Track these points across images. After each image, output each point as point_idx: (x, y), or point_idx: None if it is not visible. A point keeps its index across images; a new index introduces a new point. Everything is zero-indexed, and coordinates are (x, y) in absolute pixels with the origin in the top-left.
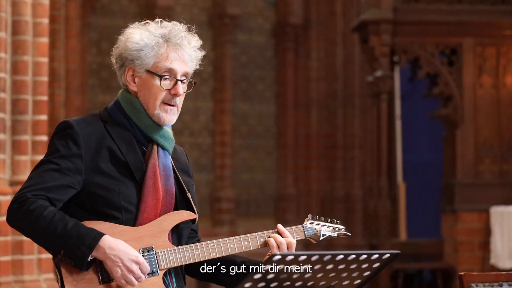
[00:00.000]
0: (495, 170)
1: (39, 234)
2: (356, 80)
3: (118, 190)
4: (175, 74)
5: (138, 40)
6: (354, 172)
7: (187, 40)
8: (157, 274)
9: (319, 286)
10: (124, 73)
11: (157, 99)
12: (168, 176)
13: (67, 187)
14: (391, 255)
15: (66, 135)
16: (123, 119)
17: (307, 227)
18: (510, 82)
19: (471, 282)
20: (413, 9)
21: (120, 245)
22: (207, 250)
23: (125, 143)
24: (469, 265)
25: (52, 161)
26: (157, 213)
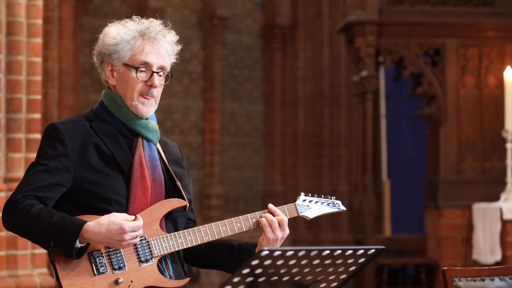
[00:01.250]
0: (478, 168)
1: (29, 231)
2: (342, 80)
3: (107, 184)
4: (151, 66)
5: (115, 35)
6: (340, 169)
7: (162, 34)
8: (151, 262)
9: (306, 280)
10: (104, 69)
11: (134, 90)
12: (155, 166)
13: (56, 185)
14: (376, 251)
15: (52, 136)
16: (107, 116)
17: (299, 204)
18: (492, 82)
19: (454, 277)
20: (397, 11)
21: (102, 227)
22: (200, 234)
23: (110, 138)
24: (452, 260)
25: (40, 163)
26: (147, 203)
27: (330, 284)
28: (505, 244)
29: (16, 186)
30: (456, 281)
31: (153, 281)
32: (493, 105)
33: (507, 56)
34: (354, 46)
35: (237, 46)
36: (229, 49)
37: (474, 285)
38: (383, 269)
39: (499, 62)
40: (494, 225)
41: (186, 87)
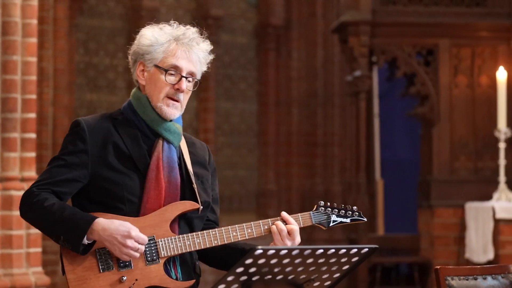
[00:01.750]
0: (470, 167)
1: (42, 224)
2: (336, 80)
3: (122, 182)
4: (181, 70)
5: (150, 37)
6: (333, 169)
7: (196, 41)
8: (157, 262)
9: (300, 279)
10: (135, 69)
11: (161, 92)
12: (172, 168)
13: (72, 180)
14: (370, 250)
15: (74, 133)
16: (132, 115)
17: (314, 213)
18: (485, 82)
19: (447, 276)
20: (391, 11)
21: (112, 224)
22: (209, 238)
23: (130, 138)
24: (444, 259)
25: (60, 158)
26: (160, 203)
27: (324, 283)
28: (498, 243)
29: (37, 179)
30: (449, 280)
31: (157, 281)
32: (485, 105)
33: (500, 56)
34: (348, 46)
35: (231, 46)
36: (223, 49)
37: (466, 284)
38: (376, 268)
39: (491, 62)
40: (486, 224)
41: None
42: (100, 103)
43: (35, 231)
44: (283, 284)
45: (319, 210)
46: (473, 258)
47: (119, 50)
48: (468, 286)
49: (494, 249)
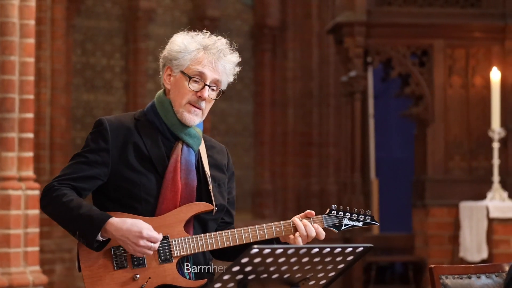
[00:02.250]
0: (464, 167)
1: (60, 218)
2: (331, 80)
3: (140, 182)
4: (205, 79)
5: (180, 43)
6: (328, 168)
7: (224, 52)
8: (171, 261)
9: (295, 278)
10: (163, 72)
11: (183, 98)
12: (189, 171)
13: (92, 178)
14: (364, 249)
15: (97, 131)
16: (154, 117)
17: (326, 217)
18: (479, 82)
19: (441, 275)
20: (386, 12)
21: (124, 224)
22: (221, 239)
23: (151, 139)
24: (439, 258)
25: (82, 155)
26: (176, 204)
27: (319, 282)
28: (492, 242)
29: (58, 174)
30: (443, 279)
31: (170, 280)
32: (479, 105)
33: (494, 57)
34: (343, 47)
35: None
36: None
37: (461, 283)
38: (371, 267)
39: (485, 62)
40: (480, 223)
41: None
42: (97, 103)
43: (33, 230)
44: (279, 283)
45: (331, 213)
46: (467, 257)
47: (116, 51)
48: (462, 285)
49: (488, 248)
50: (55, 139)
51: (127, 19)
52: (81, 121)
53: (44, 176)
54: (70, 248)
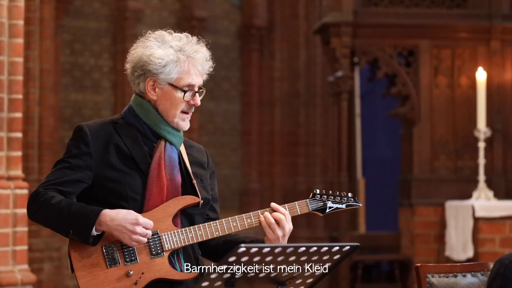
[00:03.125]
0: (450, 166)
1: (51, 220)
2: (318, 80)
3: (124, 181)
4: (194, 87)
5: (163, 56)
6: (315, 168)
7: (203, 54)
8: (162, 255)
9: (282, 277)
10: (143, 82)
11: (177, 109)
12: (173, 167)
13: (77, 181)
14: (351, 247)
15: (77, 137)
16: (133, 119)
17: (310, 201)
18: (464, 83)
19: (427, 273)
20: (372, 12)
21: (119, 214)
22: (210, 229)
23: (131, 139)
24: (425, 257)
25: (65, 160)
26: (163, 200)
27: (306, 280)
28: (477, 241)
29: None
30: (429, 277)
31: (163, 274)
32: (465, 105)
33: (479, 57)
34: (330, 47)
35: (215, 46)
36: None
37: (446, 281)
38: (358, 266)
39: (471, 62)
40: (466, 222)
41: None
42: (85, 103)
43: (21, 229)
44: (266, 282)
45: (315, 197)
46: (453, 256)
47: (104, 51)
48: (448, 283)
49: (473, 247)
50: (44, 139)
51: (115, 19)
52: (70, 120)
53: (32, 175)
54: (59, 246)
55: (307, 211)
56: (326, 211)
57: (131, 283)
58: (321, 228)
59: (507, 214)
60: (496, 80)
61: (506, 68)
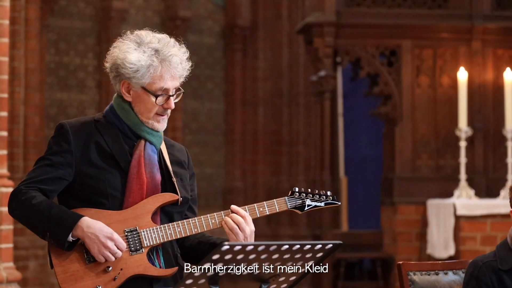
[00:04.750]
0: (432, 165)
1: (29, 221)
2: (301, 80)
3: (104, 178)
4: (168, 91)
5: (135, 61)
6: (298, 166)
7: (179, 58)
8: (141, 252)
9: (266, 274)
10: (119, 83)
11: (151, 112)
12: (153, 165)
13: (58, 179)
14: (334, 245)
15: (58, 134)
16: (114, 118)
17: (289, 199)
18: (446, 82)
19: (409, 271)
20: (355, 12)
21: (97, 224)
22: (189, 226)
23: (111, 137)
24: (407, 255)
25: (46, 158)
26: (142, 197)
27: (289, 278)
28: (458, 239)
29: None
30: (411, 275)
31: (142, 270)
32: (447, 105)
33: (461, 57)
34: (313, 47)
35: (199, 46)
36: (191, 49)
37: (428, 279)
38: (340, 263)
39: (452, 62)
40: (447, 220)
41: None
42: (71, 102)
43: (7, 227)
44: (249, 279)
45: (294, 195)
46: (435, 254)
47: (89, 50)
48: (430, 281)
49: (455, 245)
50: (29, 137)
51: (100, 19)
52: (55, 119)
53: (18, 174)
54: (44, 244)
55: (285, 209)
56: (305, 209)
57: (109, 279)
58: (304, 226)
59: (488, 213)
60: (477, 80)
61: (487, 68)
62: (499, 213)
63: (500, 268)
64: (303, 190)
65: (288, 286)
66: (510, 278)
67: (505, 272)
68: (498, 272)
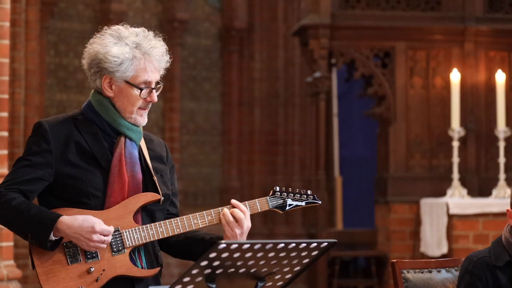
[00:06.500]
0: (425, 165)
1: (10, 223)
2: (296, 81)
3: (85, 178)
4: (151, 84)
5: (118, 54)
6: (294, 166)
7: (160, 50)
8: (123, 252)
9: (261, 272)
10: (100, 79)
11: (134, 106)
12: (134, 163)
13: (38, 179)
14: (329, 244)
15: (37, 134)
16: (92, 115)
17: (270, 198)
18: (439, 83)
19: (403, 269)
20: (349, 15)
21: (76, 221)
22: (171, 226)
23: (91, 136)
24: (400, 253)
25: (25, 158)
26: (124, 197)
27: (285, 276)
28: (451, 238)
29: (3, 179)
30: (405, 273)
31: (124, 270)
32: (440, 105)
33: (453, 59)
34: (308, 49)
35: (196, 48)
36: (189, 51)
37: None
38: (335, 261)
39: (445, 64)
40: (440, 219)
41: None
42: (70, 102)
43: None
44: (246, 277)
45: (276, 195)
46: (428, 252)
47: None
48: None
49: (447, 243)
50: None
51: (99, 21)
52: None
53: None
54: None
55: (267, 209)
56: (286, 209)
57: (92, 280)
58: (299, 225)
59: (480, 211)
60: (469, 81)
61: (479, 69)
62: (491, 212)
63: (494, 264)
64: (284, 190)
65: (284, 283)
66: (503, 274)
67: (499, 268)
68: (492, 268)
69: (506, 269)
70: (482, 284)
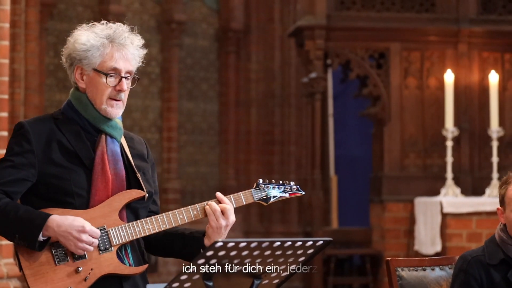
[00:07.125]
0: (419, 164)
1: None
2: (293, 81)
3: (69, 178)
4: (120, 72)
5: (85, 41)
6: (290, 165)
7: (130, 39)
8: (110, 250)
9: (258, 270)
10: (73, 72)
11: (103, 95)
12: (117, 161)
13: (22, 180)
14: (324, 242)
15: (18, 134)
16: (73, 114)
17: (254, 191)
18: (433, 84)
19: (397, 267)
20: (345, 16)
21: (66, 220)
22: (157, 223)
23: (74, 135)
24: (395, 251)
25: (7, 159)
26: (108, 195)
27: (281, 274)
28: (445, 236)
29: None
30: (399, 271)
31: (112, 269)
32: (434, 106)
33: (447, 60)
34: (304, 50)
35: (194, 49)
36: (186, 52)
37: (416, 275)
38: (331, 260)
39: (439, 65)
40: (434, 218)
41: (145, 87)
42: None
43: None
44: (242, 275)
45: (260, 187)
46: (422, 250)
47: None
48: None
49: (441, 241)
50: None
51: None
52: None
53: None
54: None
55: (252, 201)
56: (270, 201)
57: (80, 279)
58: (295, 223)
59: (474, 210)
60: (463, 81)
61: (472, 70)
62: (484, 211)
63: (488, 262)
64: (268, 182)
65: (280, 281)
66: (497, 272)
67: (493, 267)
68: (486, 267)
69: (500, 267)
70: (476, 282)
